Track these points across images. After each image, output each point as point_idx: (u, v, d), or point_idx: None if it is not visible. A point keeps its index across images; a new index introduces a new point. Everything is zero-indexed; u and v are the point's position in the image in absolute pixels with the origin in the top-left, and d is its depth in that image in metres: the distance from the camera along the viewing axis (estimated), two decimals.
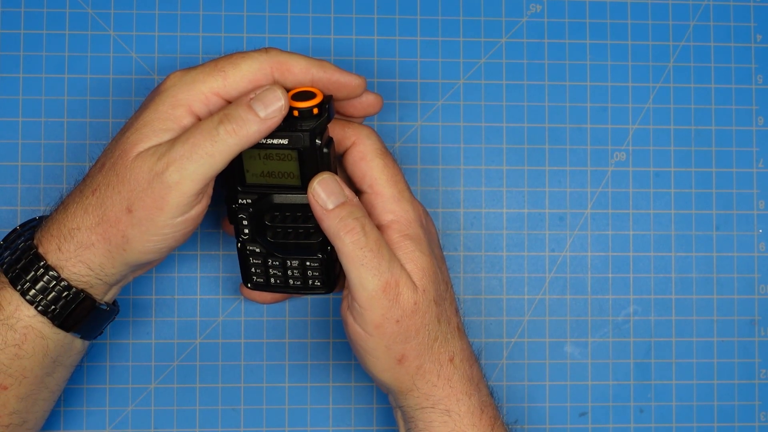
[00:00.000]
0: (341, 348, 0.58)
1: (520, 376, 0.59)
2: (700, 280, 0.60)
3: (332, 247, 0.50)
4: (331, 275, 0.51)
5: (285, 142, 0.46)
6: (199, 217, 0.46)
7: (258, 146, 0.46)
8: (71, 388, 0.56)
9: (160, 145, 0.44)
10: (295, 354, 0.58)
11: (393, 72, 0.58)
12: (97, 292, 0.48)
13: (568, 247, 0.59)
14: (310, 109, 0.46)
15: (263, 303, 0.56)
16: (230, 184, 0.48)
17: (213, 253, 0.58)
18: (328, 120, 0.47)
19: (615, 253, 0.59)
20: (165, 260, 0.57)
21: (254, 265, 0.51)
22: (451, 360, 0.49)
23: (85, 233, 0.46)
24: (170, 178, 0.43)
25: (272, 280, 0.51)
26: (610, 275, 0.59)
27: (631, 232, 0.59)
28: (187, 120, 0.45)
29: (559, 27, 0.59)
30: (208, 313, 0.58)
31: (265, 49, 0.47)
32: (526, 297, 0.59)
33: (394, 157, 0.50)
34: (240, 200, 0.49)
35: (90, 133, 0.57)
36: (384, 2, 0.59)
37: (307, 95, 0.46)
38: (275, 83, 0.46)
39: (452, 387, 0.49)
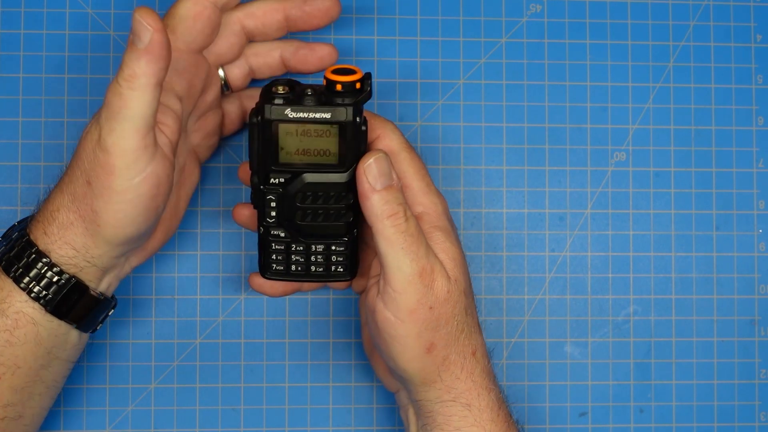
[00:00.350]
0: (341, 348, 0.58)
1: (520, 376, 0.59)
2: (700, 280, 0.60)
3: (358, 231, 0.50)
4: (354, 260, 0.51)
5: (327, 116, 0.46)
6: (162, 176, 0.46)
7: (297, 121, 0.46)
8: (71, 388, 0.56)
9: (97, 115, 0.45)
10: (295, 354, 0.58)
11: (393, 72, 0.58)
12: (89, 278, 0.48)
13: (568, 247, 0.59)
14: (353, 83, 0.46)
15: (272, 296, 0.55)
16: (260, 165, 0.48)
17: (213, 253, 0.58)
18: (369, 97, 0.47)
19: (615, 253, 0.59)
20: (165, 260, 0.57)
21: (276, 251, 0.50)
22: (474, 353, 0.49)
23: (64, 213, 0.47)
24: (105, 143, 0.44)
25: (293, 267, 0.51)
26: (610, 275, 0.59)
27: (631, 232, 0.59)
28: None
29: (559, 27, 0.59)
30: (208, 313, 0.58)
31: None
32: (526, 297, 0.59)
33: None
34: (272, 179, 0.48)
35: None
36: (384, 2, 0.59)
37: (347, 71, 0.46)
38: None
39: (474, 381, 0.49)
